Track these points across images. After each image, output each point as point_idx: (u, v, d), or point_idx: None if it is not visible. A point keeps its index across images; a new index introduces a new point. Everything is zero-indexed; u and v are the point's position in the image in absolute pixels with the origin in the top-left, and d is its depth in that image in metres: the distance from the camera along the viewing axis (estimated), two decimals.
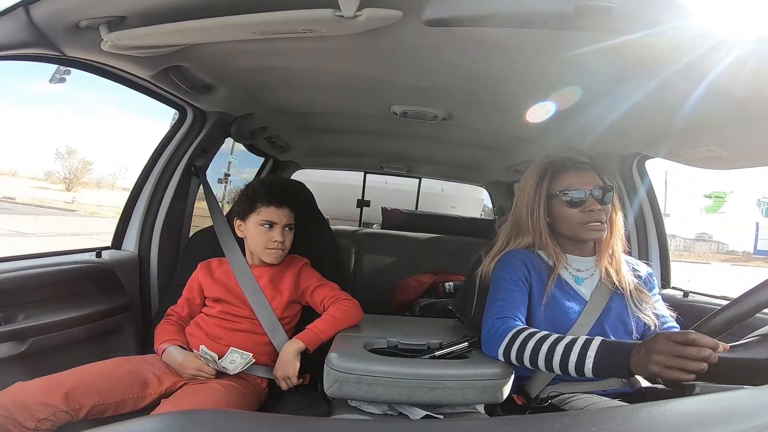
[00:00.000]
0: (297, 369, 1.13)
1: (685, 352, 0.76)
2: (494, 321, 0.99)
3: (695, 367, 0.75)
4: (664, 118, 1.22)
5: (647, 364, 0.79)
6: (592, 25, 0.74)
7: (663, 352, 0.77)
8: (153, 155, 1.55)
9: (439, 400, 0.92)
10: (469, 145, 2.09)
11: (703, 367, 0.75)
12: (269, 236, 1.24)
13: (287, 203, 1.27)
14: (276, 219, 1.24)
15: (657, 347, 0.78)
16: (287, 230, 1.27)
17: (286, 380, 1.13)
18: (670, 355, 0.77)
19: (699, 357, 0.75)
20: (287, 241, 1.27)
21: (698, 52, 0.83)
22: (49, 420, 0.91)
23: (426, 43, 1.00)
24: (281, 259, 1.28)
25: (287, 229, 1.27)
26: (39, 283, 1.17)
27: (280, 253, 1.26)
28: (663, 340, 0.79)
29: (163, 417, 0.48)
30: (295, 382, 1.13)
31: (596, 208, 1.03)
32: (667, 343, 0.78)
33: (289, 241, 1.28)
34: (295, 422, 0.49)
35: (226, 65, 1.22)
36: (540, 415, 0.63)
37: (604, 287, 1.06)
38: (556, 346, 0.89)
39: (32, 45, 0.90)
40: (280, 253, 1.26)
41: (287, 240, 1.27)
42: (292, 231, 1.28)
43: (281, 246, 1.25)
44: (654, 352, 0.78)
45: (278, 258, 1.27)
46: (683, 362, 0.75)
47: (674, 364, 0.76)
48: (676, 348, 0.77)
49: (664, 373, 0.77)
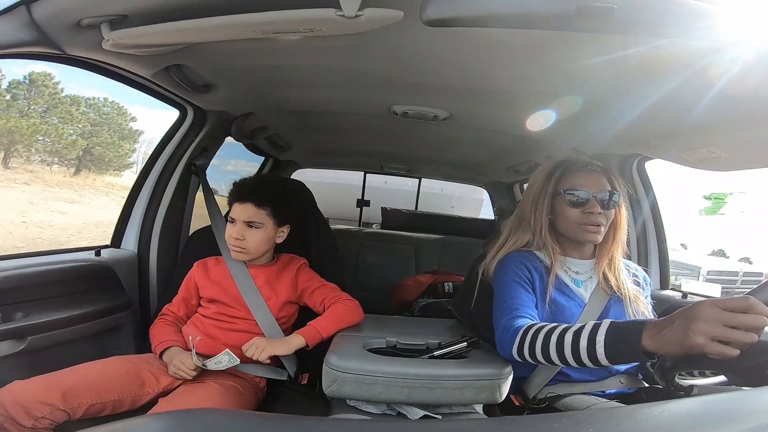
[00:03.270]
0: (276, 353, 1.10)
1: (739, 320, 0.65)
2: (506, 322, 0.97)
3: (746, 338, 0.65)
4: (664, 119, 1.22)
5: (686, 335, 0.67)
6: (592, 26, 0.74)
7: (711, 320, 0.66)
8: (153, 154, 1.55)
9: (437, 400, 0.92)
10: (470, 146, 2.09)
11: (753, 339, 0.65)
12: (229, 232, 1.22)
13: (251, 199, 1.21)
14: (236, 215, 1.22)
15: (702, 314, 0.67)
16: (249, 228, 1.21)
17: (259, 349, 1.08)
18: (720, 323, 0.66)
19: (758, 325, 0.64)
20: (249, 240, 1.21)
21: (699, 54, 0.83)
22: (47, 418, 0.91)
23: (427, 43, 1.00)
24: (245, 258, 1.23)
25: (249, 227, 1.21)
26: (38, 281, 1.17)
27: (240, 252, 1.21)
28: (709, 306, 0.68)
29: (160, 416, 0.48)
30: (262, 358, 1.08)
31: (596, 211, 1.03)
32: (714, 309, 0.67)
33: (253, 239, 1.21)
34: (293, 421, 0.48)
35: (227, 64, 1.22)
36: (538, 416, 0.63)
37: (602, 291, 1.06)
38: (565, 335, 0.85)
39: (33, 44, 0.89)
40: (239, 251, 1.21)
41: (249, 238, 1.20)
42: (258, 229, 1.21)
43: (238, 243, 1.20)
44: (698, 320, 0.67)
45: (240, 256, 1.22)
46: (735, 333, 0.65)
47: (725, 335, 0.65)
48: (726, 316, 0.66)
49: (710, 347, 0.66)
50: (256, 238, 1.22)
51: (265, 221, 1.22)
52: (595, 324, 0.82)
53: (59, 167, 12.85)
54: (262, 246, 1.23)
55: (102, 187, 12.31)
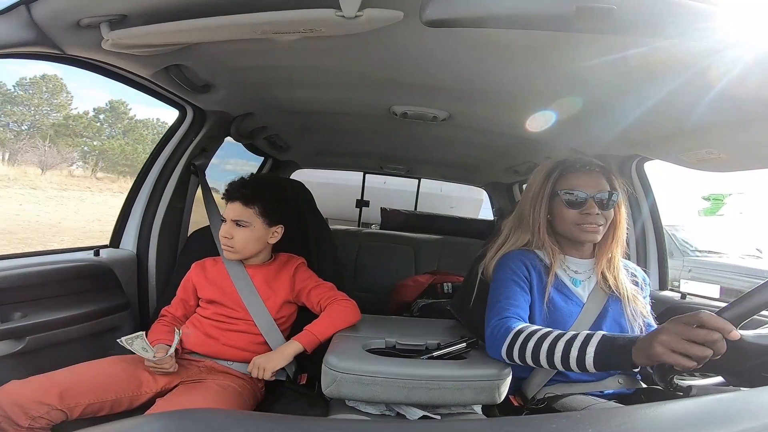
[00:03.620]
0: (278, 366, 1.10)
1: (692, 334, 0.68)
2: (496, 322, 0.98)
3: (700, 352, 0.67)
4: (664, 120, 1.22)
5: (651, 345, 0.72)
6: (592, 26, 0.74)
7: (670, 332, 0.70)
8: (152, 154, 1.55)
9: (436, 400, 0.92)
10: (469, 146, 2.09)
11: (707, 353, 0.67)
12: (220, 231, 1.23)
13: (238, 198, 1.21)
14: (226, 214, 1.23)
15: (666, 327, 0.72)
16: (237, 226, 1.21)
17: (261, 369, 1.08)
18: (678, 336, 0.69)
19: (708, 339, 0.68)
20: (237, 238, 1.20)
21: (699, 55, 0.83)
22: (44, 418, 0.91)
23: (426, 43, 1.00)
24: (234, 257, 1.23)
25: (237, 225, 1.21)
26: (37, 281, 1.17)
27: (229, 250, 1.21)
28: (674, 321, 0.71)
29: (158, 416, 0.47)
30: (267, 376, 1.09)
31: (594, 212, 1.02)
32: (676, 323, 0.71)
33: (240, 238, 1.20)
34: (292, 422, 0.48)
35: (226, 64, 1.22)
36: (537, 416, 0.63)
37: (601, 291, 1.06)
38: (557, 343, 0.87)
39: (33, 43, 0.89)
40: (228, 250, 1.21)
41: (237, 237, 1.20)
42: (245, 228, 1.21)
43: (226, 242, 1.20)
44: (662, 332, 0.72)
45: (229, 255, 1.22)
46: (690, 346, 0.68)
47: (679, 348, 0.69)
48: (684, 330, 0.69)
49: (666, 356, 0.70)
50: (243, 237, 1.21)
51: (252, 220, 1.21)
52: (588, 334, 0.86)
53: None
54: (249, 245, 1.23)
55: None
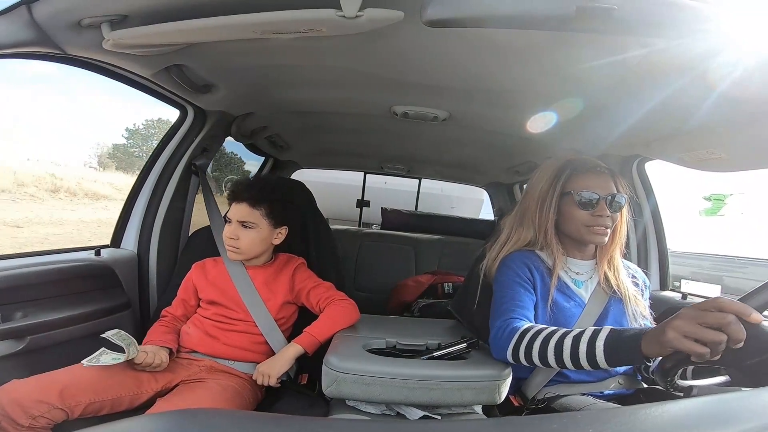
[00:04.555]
0: (282, 371, 1.11)
1: (706, 318, 0.66)
2: (500, 323, 0.97)
3: (714, 336, 0.65)
4: (665, 121, 1.22)
5: (664, 332, 0.70)
6: (593, 26, 0.74)
7: (685, 317, 0.68)
8: (153, 154, 1.55)
9: (436, 400, 0.92)
10: (470, 146, 2.09)
11: (721, 338, 0.65)
12: (224, 232, 1.23)
13: (245, 199, 1.22)
14: (231, 214, 1.23)
15: (681, 313, 0.70)
16: (243, 227, 1.21)
17: (265, 376, 1.10)
18: (692, 320, 0.67)
19: (723, 322, 0.65)
20: (243, 240, 1.21)
21: (700, 56, 0.83)
22: (44, 417, 0.91)
23: (427, 43, 1.00)
24: (239, 258, 1.24)
25: (243, 227, 1.21)
26: (38, 281, 1.17)
27: (234, 251, 1.21)
28: (688, 308, 0.69)
29: (159, 416, 0.47)
30: (273, 383, 1.10)
31: (605, 214, 1.02)
32: (692, 308, 0.68)
33: (246, 239, 1.21)
34: (292, 422, 0.48)
35: (227, 64, 1.22)
36: (538, 417, 0.62)
37: (602, 291, 1.06)
38: (564, 340, 0.86)
39: (34, 43, 0.89)
40: (233, 251, 1.21)
41: (243, 238, 1.21)
42: (251, 230, 1.21)
43: (232, 243, 1.21)
44: (676, 317, 0.69)
45: (234, 256, 1.23)
46: (704, 331, 0.66)
47: (692, 332, 0.66)
48: (699, 314, 0.67)
49: (678, 342, 0.68)
50: (250, 238, 1.22)
51: (259, 221, 1.22)
52: (595, 329, 0.84)
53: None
54: (255, 246, 1.23)
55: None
